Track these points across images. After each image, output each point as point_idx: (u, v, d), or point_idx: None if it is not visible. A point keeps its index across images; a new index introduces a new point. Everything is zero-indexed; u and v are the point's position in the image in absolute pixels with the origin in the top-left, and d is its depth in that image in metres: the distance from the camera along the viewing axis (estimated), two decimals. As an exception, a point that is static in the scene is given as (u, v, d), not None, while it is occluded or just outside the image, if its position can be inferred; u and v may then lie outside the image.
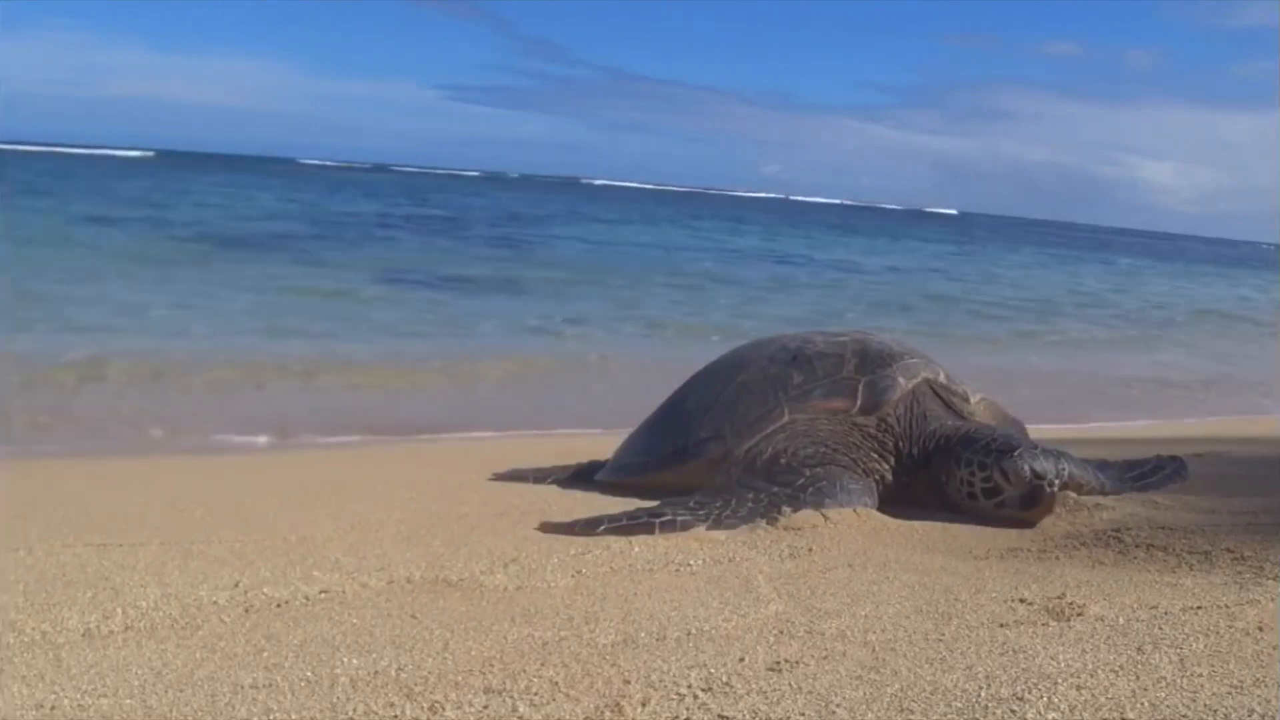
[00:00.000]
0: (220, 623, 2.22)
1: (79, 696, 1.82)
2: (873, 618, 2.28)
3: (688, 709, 1.76)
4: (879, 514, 3.25)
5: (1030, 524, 3.16)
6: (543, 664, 1.98)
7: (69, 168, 40.40)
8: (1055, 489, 3.14)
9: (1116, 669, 1.89)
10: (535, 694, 1.83)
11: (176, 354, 7.38)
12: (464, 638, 2.13)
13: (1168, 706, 1.72)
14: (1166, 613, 2.25)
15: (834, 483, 3.25)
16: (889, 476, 3.42)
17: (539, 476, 4.07)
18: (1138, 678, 1.85)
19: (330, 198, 33.79)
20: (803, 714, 1.74)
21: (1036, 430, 3.91)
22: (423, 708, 1.77)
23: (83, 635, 2.13)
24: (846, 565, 2.75)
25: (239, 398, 6.53)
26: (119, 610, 2.25)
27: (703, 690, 1.84)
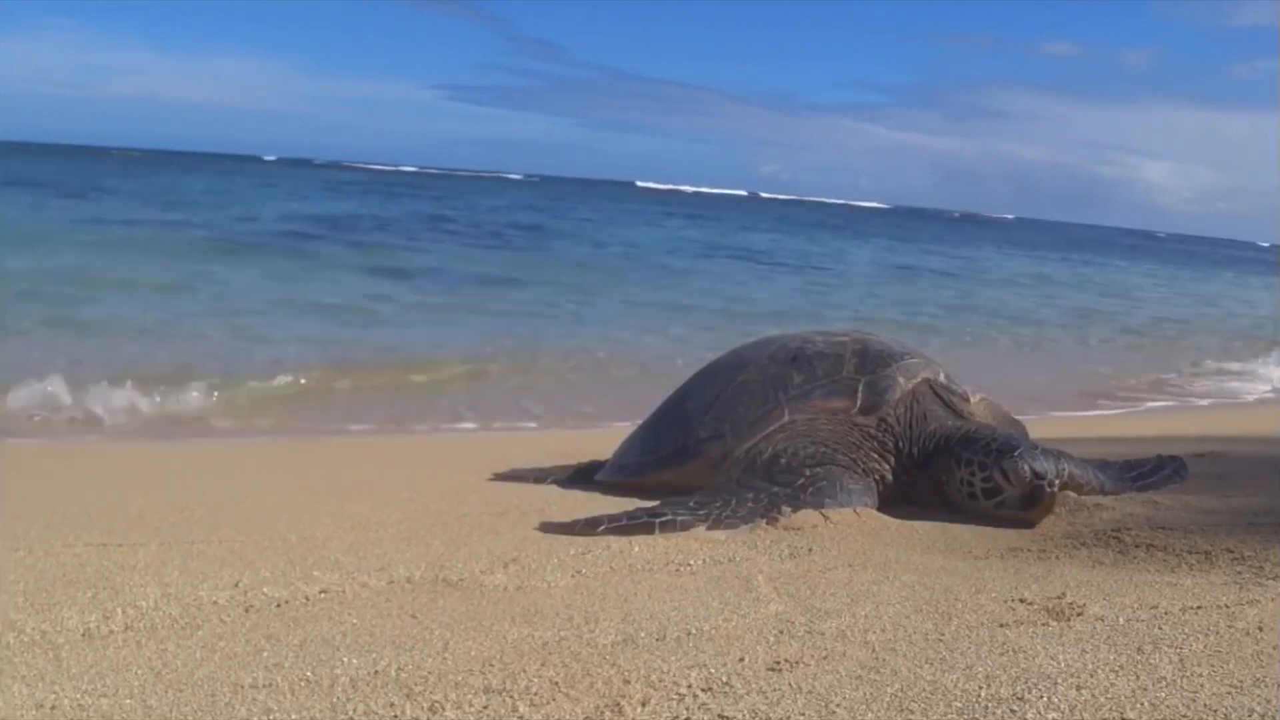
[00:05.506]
0: (220, 623, 2.22)
1: (79, 696, 1.82)
2: (873, 618, 2.28)
3: (688, 709, 1.76)
4: (879, 514, 3.24)
5: (1030, 524, 3.16)
6: (543, 664, 1.98)
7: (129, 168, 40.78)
8: (1055, 489, 3.14)
9: (1116, 669, 1.89)
10: (535, 694, 1.83)
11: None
12: (464, 638, 2.13)
13: (1168, 706, 1.72)
14: (1166, 613, 2.25)
15: (834, 483, 3.25)
16: (889, 476, 3.42)
17: (539, 476, 4.07)
18: (1138, 678, 1.85)
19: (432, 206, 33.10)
20: (803, 714, 1.73)
21: (1037, 430, 3.90)
22: (423, 708, 1.77)
23: (83, 635, 2.13)
24: (846, 565, 2.75)
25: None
26: (119, 610, 2.25)
27: (703, 690, 1.83)
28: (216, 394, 6.63)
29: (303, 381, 7.09)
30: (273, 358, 7.93)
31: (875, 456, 3.42)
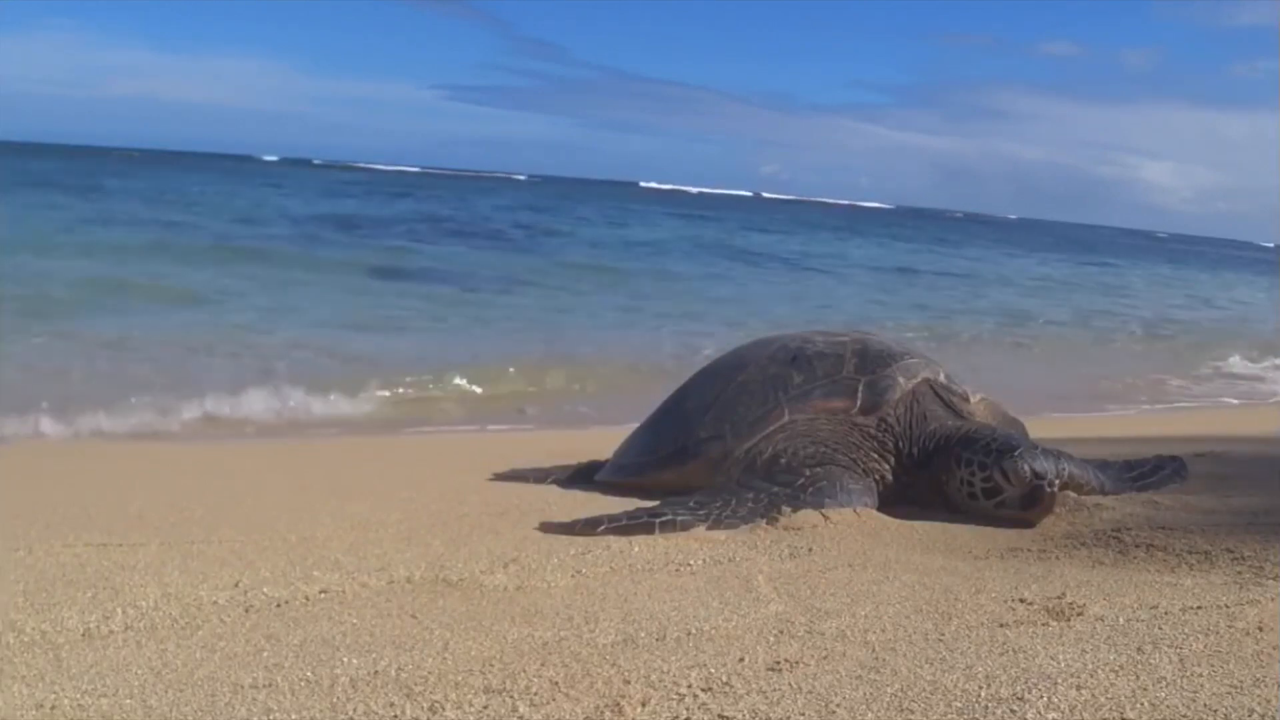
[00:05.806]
0: (220, 623, 2.22)
1: (79, 696, 1.82)
2: (873, 618, 2.27)
3: (688, 709, 1.76)
4: (879, 514, 3.24)
5: (1030, 524, 3.16)
6: (543, 664, 1.98)
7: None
8: (1055, 489, 3.14)
9: (1116, 669, 1.89)
10: (535, 694, 1.83)
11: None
12: (464, 638, 2.13)
13: (1168, 706, 1.72)
14: (1166, 613, 2.25)
15: (834, 483, 3.24)
16: (889, 476, 3.42)
17: (539, 476, 4.07)
18: (1138, 678, 1.85)
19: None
20: (803, 714, 1.73)
21: (1037, 430, 3.90)
22: (423, 708, 1.77)
23: (83, 635, 2.13)
24: (846, 565, 2.75)
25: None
26: (119, 610, 2.25)
27: (703, 690, 1.83)
28: (218, 397, 6.63)
29: (302, 384, 7.09)
30: (273, 360, 7.93)
31: (875, 456, 3.42)
